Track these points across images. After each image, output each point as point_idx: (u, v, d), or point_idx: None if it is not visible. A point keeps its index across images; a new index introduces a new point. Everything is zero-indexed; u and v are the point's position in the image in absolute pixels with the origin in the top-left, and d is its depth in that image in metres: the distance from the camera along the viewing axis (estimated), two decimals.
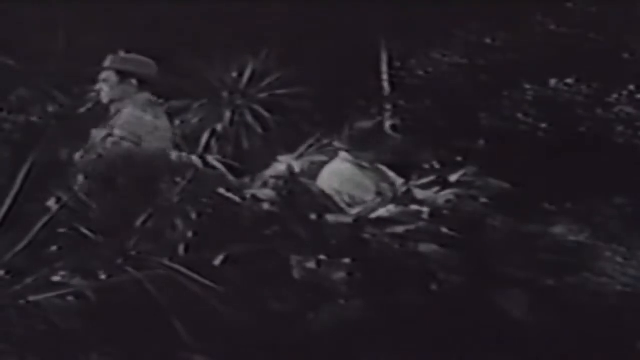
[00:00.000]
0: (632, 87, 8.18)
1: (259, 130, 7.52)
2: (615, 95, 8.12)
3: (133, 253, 5.99)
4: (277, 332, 5.59)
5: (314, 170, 6.72)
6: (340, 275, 5.92)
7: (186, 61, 7.76)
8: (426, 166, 7.13)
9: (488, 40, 8.90)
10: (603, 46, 8.80)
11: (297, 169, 6.67)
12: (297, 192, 6.53)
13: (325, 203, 6.36)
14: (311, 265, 6.03)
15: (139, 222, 6.28)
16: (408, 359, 5.45)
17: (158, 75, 7.75)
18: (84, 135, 7.06)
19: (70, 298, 5.69)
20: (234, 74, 7.96)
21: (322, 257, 6.01)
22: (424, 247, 6.14)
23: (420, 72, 8.43)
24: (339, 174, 6.58)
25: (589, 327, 5.57)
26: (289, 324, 5.64)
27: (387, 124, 7.95)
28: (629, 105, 7.97)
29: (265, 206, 6.48)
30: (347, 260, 6.00)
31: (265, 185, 6.65)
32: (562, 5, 9.19)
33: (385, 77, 8.46)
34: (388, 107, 8.16)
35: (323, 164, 6.74)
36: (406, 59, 8.51)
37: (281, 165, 6.83)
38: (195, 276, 5.77)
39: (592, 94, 8.19)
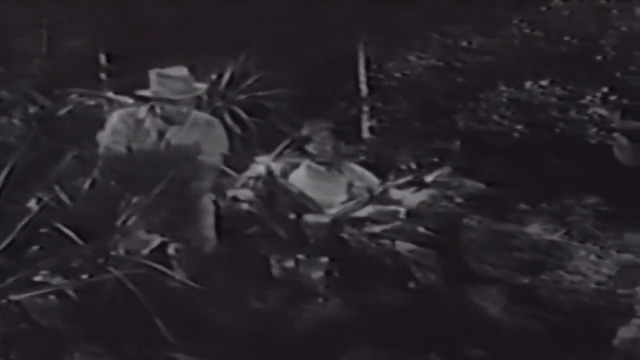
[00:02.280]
0: (605, 90, 8.25)
1: (239, 131, 7.57)
2: (589, 97, 8.21)
3: (115, 253, 5.98)
4: (258, 331, 5.54)
5: (292, 171, 6.70)
6: (319, 274, 5.91)
7: (165, 63, 7.73)
8: (403, 167, 7.25)
9: (465, 44, 8.99)
10: (577, 49, 8.87)
11: (275, 170, 6.66)
12: (276, 192, 6.52)
13: (305, 203, 6.31)
14: (290, 264, 6.01)
15: (120, 222, 6.27)
16: (386, 357, 5.41)
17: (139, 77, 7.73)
18: (65, 137, 7.04)
19: (52, 297, 5.67)
20: (214, 77, 8.00)
21: (301, 256, 5.99)
22: (401, 247, 6.12)
23: (398, 75, 8.54)
24: (305, 178, 6.59)
25: (564, 325, 5.55)
26: (269, 323, 5.59)
27: (365, 125, 7.95)
28: (602, 107, 8.06)
29: (245, 207, 6.47)
30: (325, 260, 5.98)
31: (244, 186, 6.65)
32: (537, 9, 9.23)
33: (363, 79, 8.56)
34: (366, 109, 8.29)
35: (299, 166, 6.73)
36: (384, 61, 8.61)
37: (259, 166, 6.82)
38: (174, 274, 5.75)
39: (567, 96, 8.28)
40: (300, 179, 6.64)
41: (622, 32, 9.19)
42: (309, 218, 6.25)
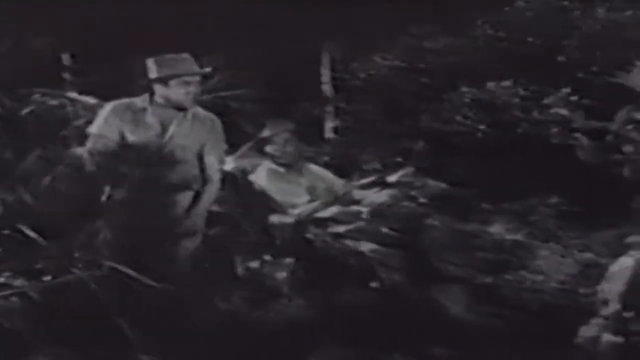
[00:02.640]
0: (567, 90, 8.26)
1: None
2: (551, 98, 8.21)
3: (78, 254, 5.94)
4: (223, 331, 5.54)
5: (252, 172, 6.69)
6: (284, 274, 5.90)
7: (129, 63, 7.69)
8: (367, 167, 7.27)
9: (428, 44, 8.98)
10: (539, 50, 8.88)
11: (237, 171, 6.63)
12: (240, 192, 6.50)
13: (269, 203, 6.32)
14: (255, 264, 6.00)
15: (84, 223, 6.23)
16: (351, 356, 5.41)
17: (102, 77, 7.69)
18: (26, 137, 6.97)
19: (14, 299, 5.63)
20: None
21: (265, 256, 5.98)
22: (364, 246, 6.11)
23: (362, 75, 8.54)
24: (265, 179, 6.59)
25: (527, 324, 5.57)
26: (234, 323, 5.59)
27: (329, 125, 7.96)
28: (564, 107, 8.06)
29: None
30: (290, 260, 5.97)
31: None
32: (500, 10, 9.25)
33: (327, 79, 8.59)
34: (330, 109, 8.31)
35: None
36: (348, 62, 8.61)
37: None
38: (141, 277, 5.72)
39: (529, 96, 8.28)
40: (259, 179, 6.63)
41: (584, 33, 9.23)
42: (274, 218, 6.24)
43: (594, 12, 9.36)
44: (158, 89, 6.07)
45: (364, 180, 6.75)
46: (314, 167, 6.84)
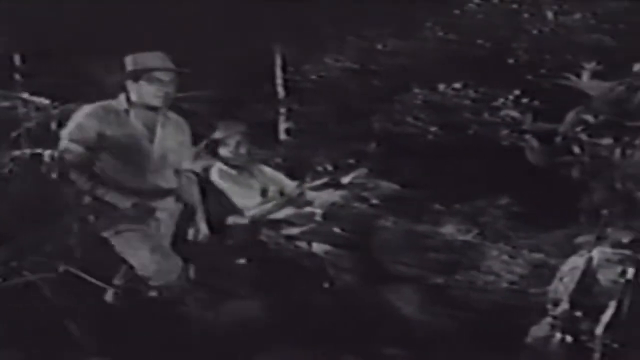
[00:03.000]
0: (517, 92, 8.36)
1: None
2: (501, 100, 8.32)
3: (28, 256, 5.88)
4: (175, 333, 5.48)
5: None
6: (238, 275, 5.88)
7: (83, 64, 7.62)
8: (319, 168, 7.26)
9: (379, 46, 9.03)
10: (489, 52, 8.98)
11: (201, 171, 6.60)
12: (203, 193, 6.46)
13: (230, 204, 6.29)
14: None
15: (35, 225, 6.16)
16: (303, 357, 5.39)
17: (55, 78, 7.61)
18: None
19: None
20: None
21: (219, 257, 5.94)
22: (317, 248, 6.11)
23: (314, 77, 8.55)
24: (217, 181, 6.51)
25: (478, 324, 5.59)
26: (187, 325, 5.56)
27: (281, 127, 7.97)
28: (514, 109, 8.15)
29: None
30: (243, 261, 5.96)
31: None
32: (450, 12, 9.31)
33: (279, 81, 8.56)
34: (282, 110, 8.30)
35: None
36: (300, 63, 8.62)
37: None
38: (91, 279, 5.66)
39: (479, 98, 8.40)
40: (217, 177, 6.54)
41: (533, 35, 9.31)
42: (231, 219, 6.23)
43: (543, 15, 9.45)
44: (131, 87, 5.83)
45: (317, 182, 6.69)
46: (266, 169, 6.79)
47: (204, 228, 5.96)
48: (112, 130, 5.72)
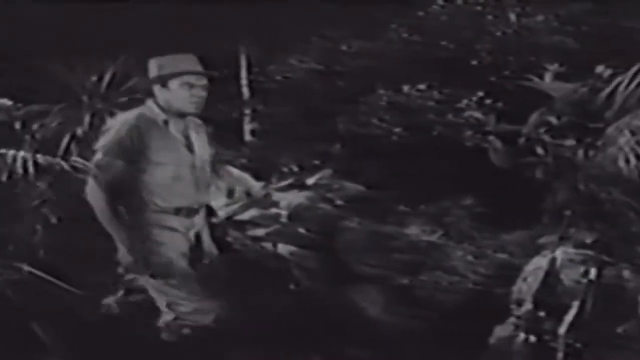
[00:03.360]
0: (480, 93, 8.34)
1: None
2: (465, 101, 8.28)
3: None
4: (138, 335, 5.45)
5: None
6: (203, 276, 5.65)
7: (45, 64, 7.55)
8: (285, 169, 7.15)
9: (344, 47, 9.02)
10: (453, 54, 8.94)
11: None
12: None
13: None
14: None
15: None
16: (268, 357, 5.37)
17: (17, 79, 7.53)
18: None
19: None
20: (94, 78, 7.71)
21: None
22: (282, 249, 6.10)
23: (279, 78, 8.47)
24: None
25: (442, 324, 5.59)
26: (150, 326, 5.44)
27: (246, 128, 7.97)
28: (477, 110, 8.14)
29: None
30: (208, 262, 5.71)
31: None
32: (414, 14, 9.31)
33: (244, 81, 8.46)
34: (247, 111, 8.22)
35: None
36: (265, 64, 8.53)
37: None
38: (56, 280, 5.61)
39: (443, 100, 8.33)
40: None
41: (497, 37, 9.33)
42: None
43: (506, 17, 9.48)
44: (159, 93, 5.31)
45: (282, 183, 6.72)
46: (232, 170, 6.76)
47: (212, 245, 5.52)
48: (155, 142, 5.19)
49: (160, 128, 5.24)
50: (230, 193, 6.49)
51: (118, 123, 5.24)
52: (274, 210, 6.30)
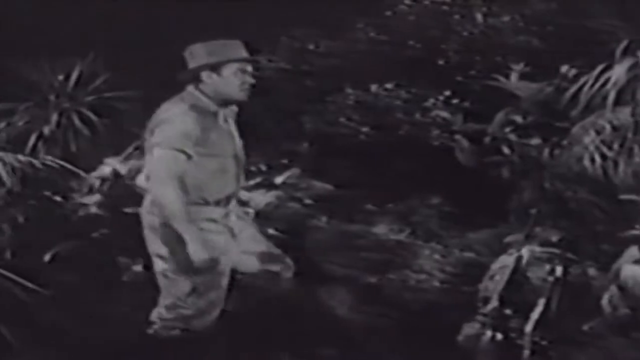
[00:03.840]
0: (447, 93, 8.36)
1: (87, 133, 7.35)
2: (432, 100, 8.29)
3: None
4: (107, 336, 5.37)
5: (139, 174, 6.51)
6: None
7: (12, 63, 7.49)
8: (253, 168, 7.06)
9: (312, 47, 9.07)
10: (420, 53, 9.04)
11: (122, 171, 6.50)
12: (123, 194, 6.37)
13: None
14: (138, 268, 5.88)
15: None
16: (240, 357, 5.30)
17: None
18: None
19: None
20: (61, 77, 7.73)
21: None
22: None
23: None
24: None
25: (410, 322, 5.56)
26: (118, 328, 5.41)
27: None
28: (444, 109, 8.15)
29: (93, 209, 6.32)
30: None
31: (91, 188, 6.48)
32: (382, 14, 9.33)
33: None
34: None
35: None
36: None
37: (107, 167, 6.63)
38: (23, 281, 5.55)
39: (410, 99, 8.35)
40: (144, 182, 6.26)
41: (463, 37, 9.37)
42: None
43: (472, 17, 9.50)
44: (209, 80, 5.03)
45: (251, 182, 6.65)
46: None
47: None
48: (210, 133, 4.97)
49: (212, 118, 5.03)
50: None
51: (174, 114, 4.97)
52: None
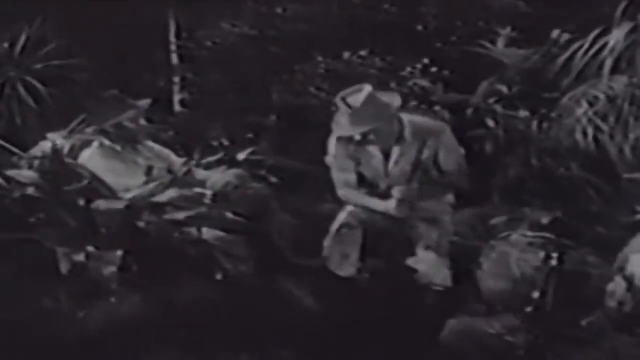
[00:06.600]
0: (426, 61, 8.09)
1: (33, 104, 7.04)
2: (409, 69, 8.04)
3: None
4: (47, 331, 5.16)
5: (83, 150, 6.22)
6: (112, 269, 5.43)
7: None
8: (215, 143, 6.89)
9: (279, 11, 8.81)
10: (397, 19, 8.77)
11: (65, 148, 6.01)
12: (63, 174, 6.01)
13: (96, 186, 5.82)
14: (80, 258, 5.51)
15: None
16: (193, 356, 5.07)
17: None
18: None
19: None
20: (6, 44, 7.40)
21: (91, 248, 5.48)
22: (207, 234, 5.70)
23: (209, 44, 8.24)
24: (97, 158, 6.03)
25: (383, 315, 5.31)
26: (59, 323, 5.22)
27: (176, 98, 7.69)
28: (423, 78, 7.89)
29: (30, 190, 5.82)
30: (119, 252, 5.50)
31: (30, 166, 5.95)
32: None
33: (173, 48, 8.21)
34: (176, 80, 7.91)
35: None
36: (194, 29, 8.29)
37: (48, 143, 6.21)
38: None
39: (386, 68, 8.12)
40: (92, 158, 6.07)
41: (443, 0, 9.14)
42: (101, 204, 5.69)
43: None
44: None
45: (209, 159, 6.33)
46: (152, 145, 6.40)
47: None
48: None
49: (358, 149, 5.72)
50: (149, 170, 6.10)
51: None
52: (197, 190, 5.84)
